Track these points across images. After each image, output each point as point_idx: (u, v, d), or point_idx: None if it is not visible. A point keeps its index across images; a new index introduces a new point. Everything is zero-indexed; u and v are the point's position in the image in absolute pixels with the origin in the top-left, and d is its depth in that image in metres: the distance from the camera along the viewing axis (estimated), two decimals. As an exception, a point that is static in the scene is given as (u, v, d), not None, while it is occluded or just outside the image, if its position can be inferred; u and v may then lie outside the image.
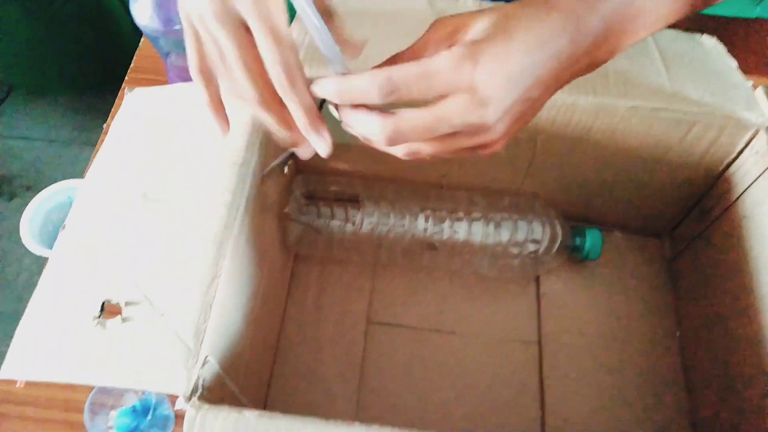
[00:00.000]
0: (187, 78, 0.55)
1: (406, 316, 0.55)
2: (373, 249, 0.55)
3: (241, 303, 0.42)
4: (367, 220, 0.53)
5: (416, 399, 0.51)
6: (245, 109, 0.33)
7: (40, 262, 1.44)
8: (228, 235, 0.39)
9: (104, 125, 0.69)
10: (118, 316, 0.36)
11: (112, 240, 0.40)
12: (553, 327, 0.55)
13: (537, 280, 0.57)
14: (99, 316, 0.37)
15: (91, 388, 0.49)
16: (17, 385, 0.51)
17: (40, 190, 1.53)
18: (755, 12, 0.93)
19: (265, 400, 0.50)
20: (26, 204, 1.49)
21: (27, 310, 0.38)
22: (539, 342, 0.54)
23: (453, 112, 0.30)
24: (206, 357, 0.35)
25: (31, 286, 1.41)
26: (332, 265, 0.57)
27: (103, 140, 0.57)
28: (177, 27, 0.47)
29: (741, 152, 0.46)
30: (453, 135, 0.32)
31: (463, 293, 0.56)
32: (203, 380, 0.35)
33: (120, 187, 0.42)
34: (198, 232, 0.39)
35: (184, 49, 0.50)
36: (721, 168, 0.48)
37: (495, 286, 0.57)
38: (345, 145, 0.36)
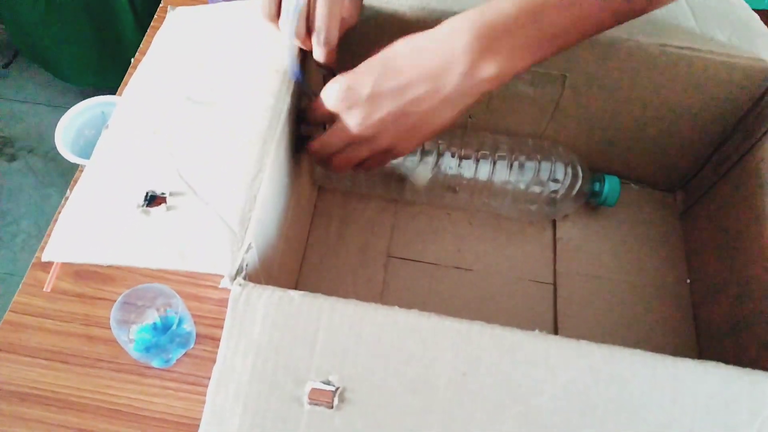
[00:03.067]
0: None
1: (425, 253, 0.56)
2: (397, 184, 0.56)
3: (278, 207, 0.43)
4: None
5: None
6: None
7: (39, 225, 1.43)
8: (271, 135, 0.40)
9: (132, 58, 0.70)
10: (163, 205, 0.37)
11: (156, 137, 0.40)
12: (567, 269, 0.56)
13: (553, 224, 0.58)
14: (143, 205, 0.37)
15: (109, 303, 0.50)
16: (45, 288, 0.52)
17: (41, 154, 1.52)
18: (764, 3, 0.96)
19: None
20: (28, 166, 1.49)
21: (70, 198, 0.39)
22: (554, 282, 0.55)
23: (333, 130, 0.43)
24: (250, 243, 0.36)
25: (28, 248, 1.40)
26: (355, 199, 0.58)
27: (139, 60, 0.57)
28: None
29: (762, 97, 0.48)
30: (353, 146, 0.43)
31: (481, 233, 0.57)
32: (246, 264, 0.36)
33: (164, 91, 0.43)
34: (242, 132, 0.40)
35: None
36: (740, 114, 0.50)
37: (513, 227, 0.58)
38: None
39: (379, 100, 0.40)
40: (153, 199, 0.38)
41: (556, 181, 0.54)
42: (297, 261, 0.54)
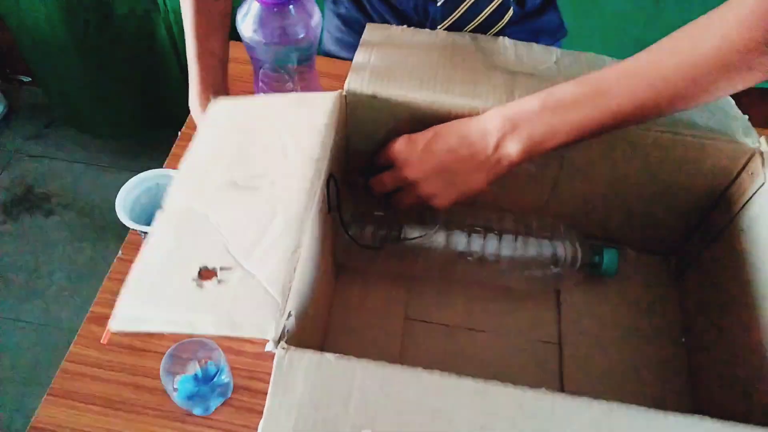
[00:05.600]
0: (273, 89, 0.64)
1: (440, 315, 0.62)
2: (412, 262, 0.62)
3: (310, 277, 0.49)
4: (410, 235, 0.60)
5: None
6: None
7: (71, 277, 1.51)
8: (307, 216, 0.46)
9: (162, 160, 0.77)
10: (214, 278, 0.43)
11: (205, 218, 0.47)
12: (571, 330, 0.61)
13: (557, 290, 0.64)
14: (197, 279, 0.43)
15: (160, 356, 0.55)
16: (102, 340, 0.58)
17: (76, 209, 1.61)
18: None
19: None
20: (63, 222, 1.57)
21: (130, 274, 0.45)
22: (559, 342, 0.60)
23: (392, 172, 0.56)
24: (290, 311, 0.42)
25: (59, 299, 1.48)
26: (373, 274, 0.64)
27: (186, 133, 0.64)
28: (275, 41, 0.57)
29: (739, 174, 0.54)
30: (404, 188, 0.56)
31: (491, 298, 0.63)
32: (287, 329, 0.41)
33: (211, 176, 0.50)
34: (282, 213, 0.46)
35: (276, 62, 0.59)
36: (722, 188, 0.56)
37: (520, 293, 0.63)
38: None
39: (430, 155, 0.53)
40: (205, 273, 0.44)
41: (557, 259, 0.59)
42: (324, 322, 0.60)
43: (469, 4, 0.70)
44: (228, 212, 0.47)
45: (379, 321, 0.61)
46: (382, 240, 0.62)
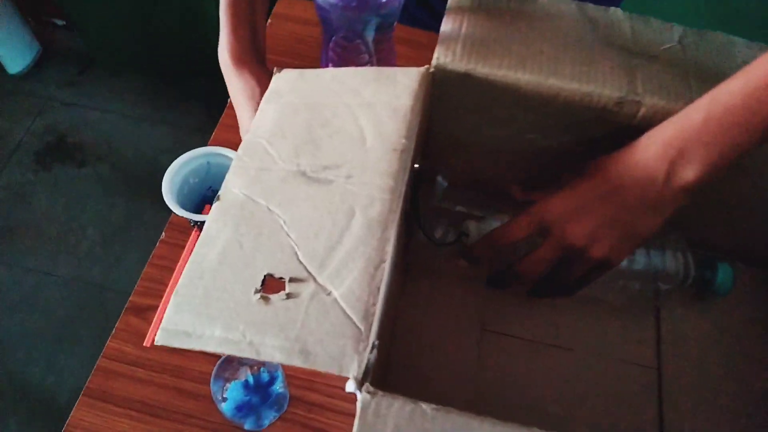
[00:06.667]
0: (345, 61, 0.55)
1: (521, 328, 0.54)
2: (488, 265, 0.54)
3: (390, 292, 0.42)
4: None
5: (531, 412, 0.50)
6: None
7: (104, 234, 1.46)
8: (392, 220, 0.39)
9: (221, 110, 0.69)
10: (282, 292, 0.36)
11: (270, 214, 0.40)
12: (673, 353, 0.53)
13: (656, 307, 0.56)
14: (261, 290, 0.36)
15: (208, 357, 0.49)
16: (144, 342, 0.52)
17: (109, 162, 1.56)
18: None
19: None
20: (96, 174, 1.52)
21: (181, 279, 0.38)
22: (658, 367, 0.53)
23: (546, 246, 0.46)
24: (375, 341, 0.35)
25: (91, 254, 1.44)
26: (444, 275, 0.57)
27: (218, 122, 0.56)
28: (354, 4, 0.48)
29: None
30: (567, 262, 0.46)
31: (580, 310, 0.55)
32: (371, 365, 0.34)
33: (276, 163, 0.42)
34: (363, 214, 0.39)
35: (353, 29, 0.50)
36: None
37: (614, 305, 0.56)
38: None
39: (594, 206, 0.44)
40: (271, 284, 0.37)
41: (665, 273, 0.51)
42: (391, 330, 0.53)
43: None
44: (297, 209, 0.40)
45: (451, 331, 0.54)
46: (456, 238, 0.54)
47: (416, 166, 0.52)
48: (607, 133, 0.48)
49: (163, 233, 0.58)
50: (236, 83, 0.53)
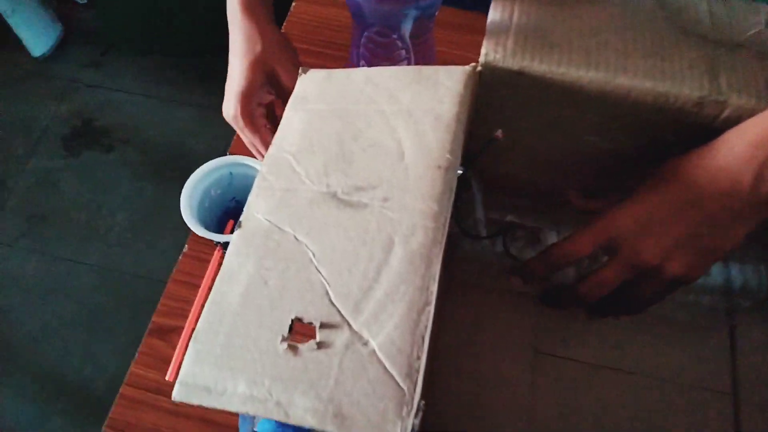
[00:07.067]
0: (379, 60, 0.49)
1: (580, 350, 0.49)
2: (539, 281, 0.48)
3: (433, 332, 0.37)
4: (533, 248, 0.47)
5: (592, 444, 0.45)
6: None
7: (133, 219, 1.44)
8: (436, 254, 0.33)
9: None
10: (312, 341, 0.31)
11: (298, 245, 0.35)
12: (751, 377, 0.47)
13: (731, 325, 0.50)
14: (288, 337, 0.32)
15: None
16: (166, 377, 0.48)
17: (136, 145, 1.53)
18: None
19: None
20: (123, 158, 1.50)
21: (200, 323, 0.34)
22: (733, 392, 0.47)
23: (615, 263, 0.41)
24: (420, 402, 0.30)
25: (121, 241, 1.42)
26: (489, 293, 0.51)
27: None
28: None
29: None
30: (638, 281, 0.41)
31: (644, 329, 0.49)
32: (416, 430, 0.30)
33: (304, 184, 0.37)
34: (403, 246, 0.33)
35: (388, 23, 0.44)
36: None
37: (681, 324, 0.50)
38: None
39: (670, 218, 0.38)
40: (300, 330, 0.32)
41: (743, 288, 0.45)
42: (430, 362, 0.48)
43: None
44: (327, 238, 0.35)
45: (500, 355, 0.49)
46: (499, 231, 0.49)
47: (459, 171, 0.46)
48: (682, 137, 0.41)
49: (186, 246, 0.53)
50: (240, 32, 0.50)
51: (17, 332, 1.26)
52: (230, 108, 0.50)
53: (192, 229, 0.44)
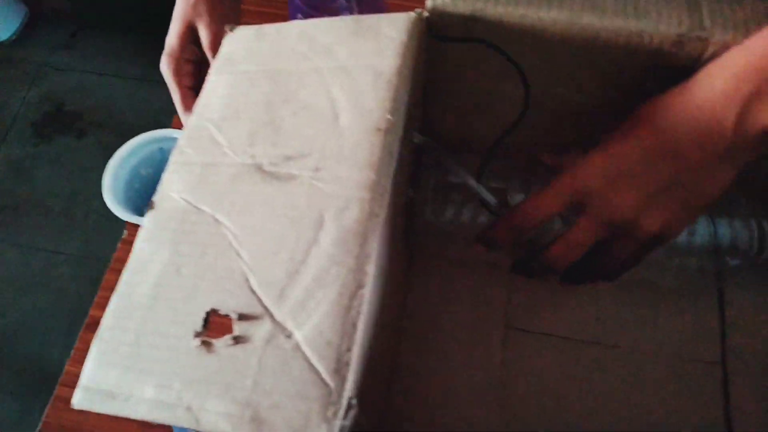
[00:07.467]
0: (318, 11, 0.44)
1: (555, 323, 0.44)
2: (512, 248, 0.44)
3: (374, 318, 0.33)
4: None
5: (569, 424, 0.41)
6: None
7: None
8: (373, 229, 0.29)
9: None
10: (228, 336, 0.27)
11: (218, 226, 0.30)
12: (742, 346, 0.43)
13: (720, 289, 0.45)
14: (203, 332, 0.27)
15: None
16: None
17: (110, 128, 1.48)
18: None
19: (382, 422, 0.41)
20: (98, 142, 1.45)
21: (105, 319, 0.30)
22: (723, 362, 0.43)
23: (586, 222, 0.36)
24: (350, 400, 0.26)
25: (99, 228, 1.38)
26: (458, 264, 0.47)
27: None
28: None
29: None
30: (614, 241, 0.36)
31: (626, 299, 0.45)
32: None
33: (226, 156, 0.32)
34: (334, 222, 0.29)
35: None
36: None
37: (667, 291, 0.45)
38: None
39: (644, 167, 0.33)
40: (215, 324, 0.28)
41: (735, 247, 0.41)
42: (396, 343, 0.44)
43: None
44: (250, 217, 0.30)
45: (469, 329, 0.44)
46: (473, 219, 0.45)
47: (417, 140, 0.41)
48: (661, 83, 0.36)
49: (125, 231, 0.49)
50: None
51: (-3, 326, 1.22)
52: (162, 69, 0.48)
53: (114, 212, 0.39)
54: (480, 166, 0.41)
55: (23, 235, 1.32)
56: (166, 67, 0.48)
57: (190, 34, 0.47)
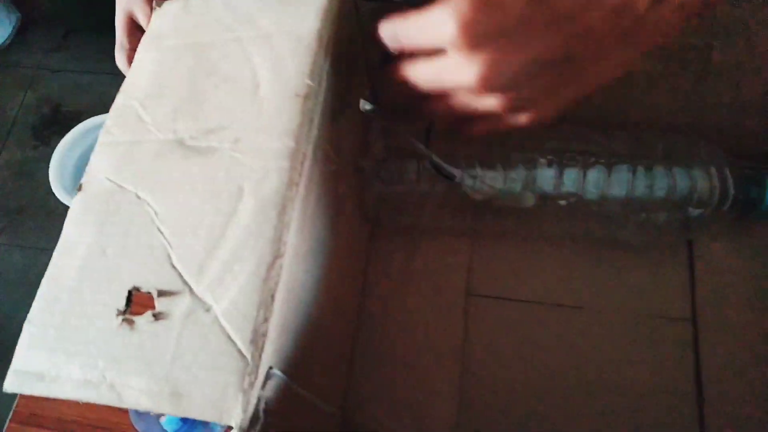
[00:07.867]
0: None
1: (518, 287, 0.44)
2: (473, 214, 0.43)
3: (311, 288, 0.32)
4: (468, 176, 0.41)
5: (534, 392, 0.40)
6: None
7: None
8: (292, 197, 0.28)
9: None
10: (149, 312, 0.27)
11: (140, 204, 0.30)
12: (711, 300, 0.42)
13: (689, 241, 0.44)
14: (125, 311, 0.27)
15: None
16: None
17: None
18: None
19: (344, 397, 0.41)
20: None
21: (35, 303, 0.30)
22: (693, 319, 0.42)
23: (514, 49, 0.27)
24: (269, 369, 0.26)
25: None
26: (419, 233, 0.46)
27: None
28: None
29: None
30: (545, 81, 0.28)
31: (592, 257, 0.44)
32: (266, 402, 0.25)
33: (150, 133, 0.32)
34: (253, 194, 0.28)
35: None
36: None
37: (633, 249, 0.44)
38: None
39: (535, 32, 0.26)
40: (138, 301, 0.28)
41: (697, 196, 0.39)
42: (350, 323, 0.43)
43: None
44: (171, 193, 0.30)
45: (430, 298, 0.44)
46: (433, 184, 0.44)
47: (366, 107, 0.40)
48: None
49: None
50: None
51: (6, 328, 1.25)
52: (117, 63, 0.49)
53: (60, 199, 0.39)
54: (426, 130, 0.40)
55: (28, 237, 1.34)
56: (119, 61, 0.49)
57: (131, 22, 0.47)
